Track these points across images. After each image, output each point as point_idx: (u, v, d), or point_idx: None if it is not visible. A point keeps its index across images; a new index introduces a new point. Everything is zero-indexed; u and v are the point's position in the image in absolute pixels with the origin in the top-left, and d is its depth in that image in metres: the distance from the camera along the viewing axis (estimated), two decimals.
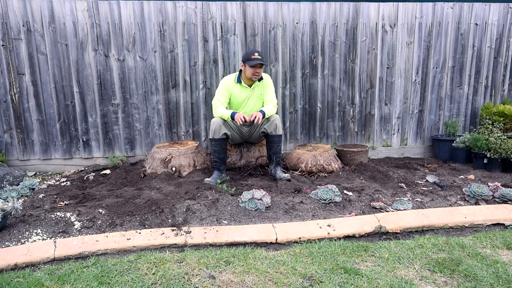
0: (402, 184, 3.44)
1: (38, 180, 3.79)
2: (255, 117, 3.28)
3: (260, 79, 3.51)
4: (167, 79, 4.20)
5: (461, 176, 3.71)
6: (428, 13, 4.46)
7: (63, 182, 3.69)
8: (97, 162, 4.24)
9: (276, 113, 4.26)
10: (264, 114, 3.37)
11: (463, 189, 3.08)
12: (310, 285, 1.88)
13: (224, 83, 3.52)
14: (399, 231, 2.51)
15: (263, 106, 3.59)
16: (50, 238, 2.38)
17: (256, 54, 3.33)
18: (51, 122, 4.09)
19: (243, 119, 3.29)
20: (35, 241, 2.36)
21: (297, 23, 4.27)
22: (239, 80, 3.50)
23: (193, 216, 2.64)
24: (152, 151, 3.84)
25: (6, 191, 3.26)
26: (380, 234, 2.50)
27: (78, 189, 3.44)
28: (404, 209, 2.77)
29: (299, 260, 2.11)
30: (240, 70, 3.51)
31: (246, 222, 2.60)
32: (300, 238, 2.38)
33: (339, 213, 2.76)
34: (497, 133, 3.98)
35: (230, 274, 1.98)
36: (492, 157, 3.79)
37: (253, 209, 2.75)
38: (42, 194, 3.25)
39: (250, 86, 3.51)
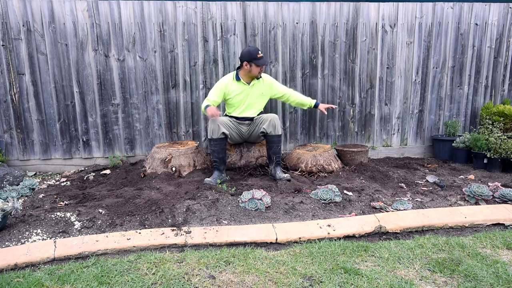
0: (402, 184, 3.44)
1: (38, 180, 3.79)
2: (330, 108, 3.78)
3: (259, 77, 3.54)
4: (167, 79, 4.20)
5: (461, 176, 3.71)
6: (428, 13, 4.45)
7: (63, 182, 3.69)
8: (97, 162, 4.24)
9: (276, 113, 4.28)
10: (316, 102, 3.75)
11: (463, 189, 3.08)
12: (310, 285, 1.88)
13: (219, 84, 3.53)
14: (399, 231, 2.51)
15: (265, 104, 3.72)
16: (50, 238, 2.38)
17: (260, 52, 3.41)
18: (51, 122, 4.09)
19: (211, 113, 3.26)
20: (35, 241, 2.36)
21: (297, 23, 4.27)
22: (237, 78, 3.50)
23: (193, 216, 2.64)
24: (152, 151, 3.84)
25: (6, 191, 3.26)
26: (380, 234, 2.50)
27: (78, 189, 3.44)
28: (404, 209, 2.77)
29: (299, 260, 2.11)
30: (238, 68, 3.52)
31: (246, 222, 2.60)
32: (300, 238, 2.38)
33: (339, 213, 2.76)
34: (497, 133, 3.98)
35: (230, 274, 1.98)
36: (492, 157, 3.79)
37: (253, 209, 2.75)
38: (42, 194, 3.25)
39: (248, 83, 3.52)
